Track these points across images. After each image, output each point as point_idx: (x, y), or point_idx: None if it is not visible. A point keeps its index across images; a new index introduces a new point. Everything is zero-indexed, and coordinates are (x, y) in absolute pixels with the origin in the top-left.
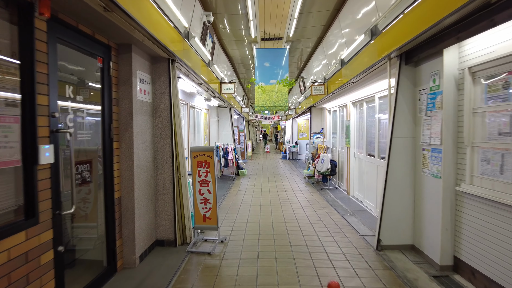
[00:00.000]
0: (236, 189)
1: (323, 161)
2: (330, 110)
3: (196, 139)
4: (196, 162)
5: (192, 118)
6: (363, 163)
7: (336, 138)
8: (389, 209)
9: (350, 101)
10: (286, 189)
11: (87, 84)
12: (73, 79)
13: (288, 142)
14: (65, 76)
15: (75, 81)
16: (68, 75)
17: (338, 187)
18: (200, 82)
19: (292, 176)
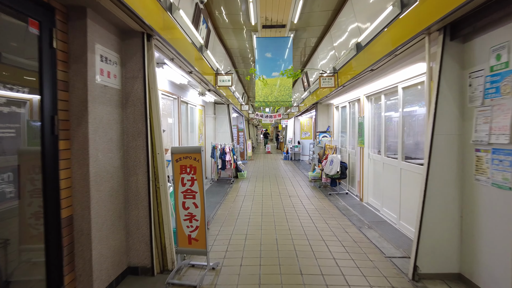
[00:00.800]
0: (234, 194)
1: (332, 163)
2: (338, 106)
3: (190, 138)
4: (179, 167)
5: (185, 114)
6: (381, 166)
7: (346, 137)
8: (429, 228)
9: (364, 94)
10: (291, 194)
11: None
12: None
13: (290, 142)
14: None
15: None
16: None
17: (348, 192)
18: (190, 71)
19: (296, 179)
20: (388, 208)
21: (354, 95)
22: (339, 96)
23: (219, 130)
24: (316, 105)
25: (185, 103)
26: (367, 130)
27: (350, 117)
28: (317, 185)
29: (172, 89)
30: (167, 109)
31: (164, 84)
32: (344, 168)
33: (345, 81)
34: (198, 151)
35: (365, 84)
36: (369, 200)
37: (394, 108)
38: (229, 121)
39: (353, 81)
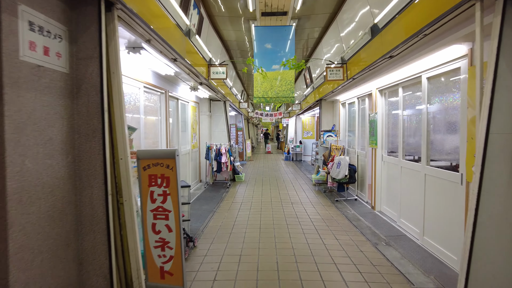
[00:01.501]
0: (230, 200)
1: (340, 166)
2: (345, 102)
3: (182, 138)
4: (147, 176)
5: (175, 111)
6: (397, 170)
7: (354, 136)
8: (482, 258)
9: (377, 88)
10: (293, 201)
11: None
12: None
13: (291, 141)
14: None
15: None
16: None
17: (358, 197)
18: (174, 57)
19: (298, 182)
20: (407, 219)
21: (365, 89)
22: (346, 91)
23: (215, 129)
24: (320, 102)
25: (174, 99)
26: (380, 128)
27: (359, 114)
28: (322, 190)
29: (158, 82)
30: (152, 105)
31: (146, 75)
32: (353, 171)
33: (356, 72)
34: (172, 155)
35: (379, 75)
36: (382, 209)
37: (415, 103)
38: (226, 120)
39: (365, 72)
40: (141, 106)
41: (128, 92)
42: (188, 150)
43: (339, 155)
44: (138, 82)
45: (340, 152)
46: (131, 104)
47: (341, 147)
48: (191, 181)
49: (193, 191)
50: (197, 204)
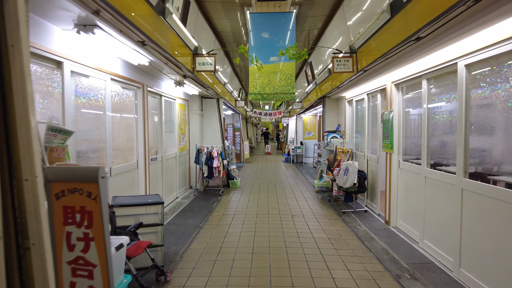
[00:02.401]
0: (221, 212)
1: (347, 173)
2: (352, 100)
3: (167, 140)
4: (62, 209)
5: (158, 109)
6: (420, 181)
7: (362, 138)
8: None
9: (393, 81)
10: (293, 213)
11: None
12: None
13: (292, 142)
14: None
15: None
16: None
17: (368, 209)
18: (142, 40)
19: (299, 188)
20: (435, 242)
21: (377, 83)
22: (354, 87)
23: (207, 130)
24: (324, 99)
25: (157, 95)
26: (397, 130)
27: (369, 113)
28: (326, 198)
29: (132, 74)
30: (124, 101)
31: (115, 65)
32: (363, 178)
33: (368, 63)
34: (94, 177)
35: (397, 65)
36: (398, 224)
37: (446, 98)
38: (219, 119)
39: (380, 62)
40: (107, 103)
41: (88, 84)
42: (175, 153)
43: (347, 160)
44: (103, 73)
45: (348, 156)
46: (91, 99)
47: (348, 150)
48: (178, 188)
49: (180, 199)
50: (182, 217)
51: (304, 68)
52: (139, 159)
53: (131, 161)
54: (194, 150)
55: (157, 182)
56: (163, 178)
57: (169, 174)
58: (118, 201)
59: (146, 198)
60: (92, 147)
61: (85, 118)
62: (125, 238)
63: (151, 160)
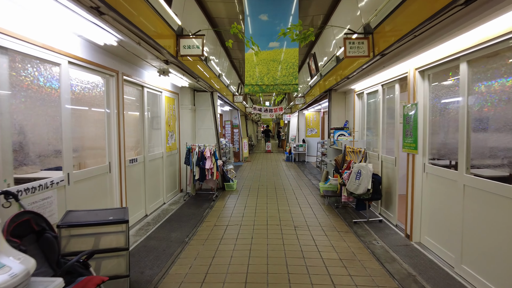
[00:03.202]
0: (212, 222)
1: (360, 177)
2: (363, 92)
3: (152, 138)
4: None
5: (139, 103)
6: (456, 190)
7: (375, 136)
8: None
9: (417, 68)
10: (296, 223)
11: None
12: None
13: (293, 140)
14: None
15: None
16: None
17: (382, 218)
18: (96, 5)
19: (302, 191)
20: (481, 271)
21: (394, 72)
22: (366, 77)
23: (200, 127)
24: (329, 93)
25: (137, 86)
26: (422, 126)
27: (384, 107)
28: (333, 204)
29: (100, 58)
30: (90, 91)
31: (73, 45)
32: (378, 183)
33: (388, 44)
34: None
35: (426, 46)
36: (423, 239)
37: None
38: (214, 115)
39: (405, 41)
40: (64, 92)
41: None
42: (161, 153)
43: (359, 161)
44: (55, 54)
45: (361, 157)
46: (40, 87)
47: (360, 150)
48: (166, 192)
49: (167, 206)
50: (166, 229)
51: (307, 61)
52: (112, 162)
53: (102, 164)
54: (185, 149)
55: (137, 187)
56: (145, 183)
57: (154, 177)
58: (71, 218)
59: (107, 213)
60: (39, 149)
61: (27, 112)
62: (56, 282)
63: (130, 162)
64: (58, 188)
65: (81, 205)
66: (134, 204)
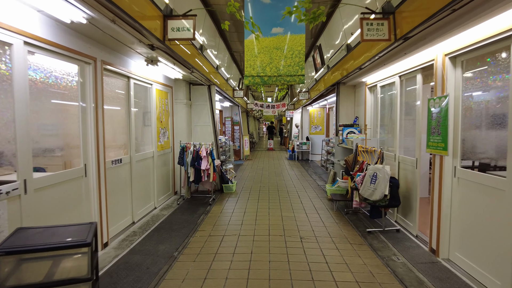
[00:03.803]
0: (207, 231)
1: (376, 180)
2: (376, 85)
3: (140, 136)
4: None
5: (124, 96)
6: (504, 201)
7: (391, 134)
8: None
9: (447, 53)
10: (303, 233)
11: None
12: None
13: (296, 137)
14: None
15: None
16: None
17: (400, 227)
18: None
19: (307, 193)
20: None
21: (416, 60)
22: (380, 68)
23: (196, 123)
24: (337, 86)
25: (122, 77)
26: (452, 123)
27: (402, 101)
28: (343, 209)
29: (72, 42)
30: (56, 81)
31: (34, 22)
32: (395, 187)
33: (414, 25)
34: None
35: (462, 25)
36: (453, 256)
37: None
38: (211, 110)
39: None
40: (19, 80)
41: None
42: (151, 152)
43: (374, 163)
44: (7, 33)
45: (376, 158)
46: None
47: (374, 150)
48: (157, 196)
49: (159, 211)
50: (154, 240)
51: (311, 54)
52: (89, 163)
53: (75, 167)
54: (179, 148)
55: (122, 192)
56: (132, 186)
57: (143, 179)
58: (18, 240)
59: (68, 232)
60: None
61: None
62: None
63: (113, 163)
64: (10, 199)
65: (45, 218)
66: (118, 212)
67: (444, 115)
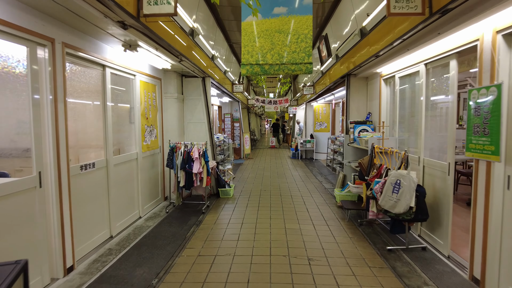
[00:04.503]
0: (196, 249)
1: (399, 189)
2: (394, 76)
3: (123, 135)
4: None
5: (98, 88)
6: None
7: (414, 133)
8: None
9: (499, 30)
10: (311, 252)
11: None
12: None
13: (300, 134)
14: None
15: None
16: None
17: (427, 244)
18: None
19: (313, 198)
20: None
21: (452, 41)
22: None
23: (189, 120)
24: (348, 78)
25: (96, 66)
26: (505, 119)
27: (428, 93)
28: (355, 219)
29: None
30: None
31: None
32: (422, 197)
33: None
34: None
35: None
36: None
37: None
38: (206, 105)
39: None
40: None
41: None
42: (135, 154)
43: (398, 168)
44: None
45: (400, 162)
46: None
47: (395, 152)
48: (142, 203)
49: (143, 221)
50: (131, 261)
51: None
52: (45, 171)
53: (26, 175)
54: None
55: (96, 202)
56: (110, 194)
57: (125, 185)
58: None
59: None
60: None
61: None
62: None
63: (82, 169)
64: None
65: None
66: (90, 226)
67: (494, 110)
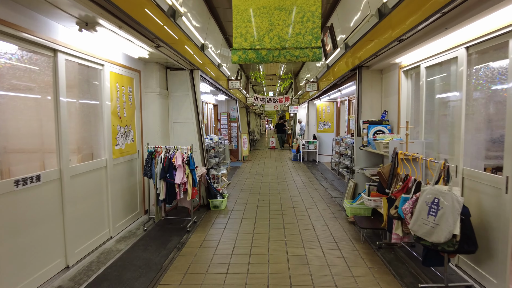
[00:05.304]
0: (173, 287)
1: (439, 210)
2: (419, 66)
3: (87, 138)
4: None
5: (48, 80)
6: None
7: (449, 136)
8: None
9: None
10: None
11: None
12: None
13: (302, 135)
14: None
15: None
16: None
17: (472, 281)
18: None
19: (320, 212)
20: None
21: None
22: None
23: (175, 119)
24: (359, 71)
25: (44, 49)
26: None
27: (470, 85)
28: (372, 242)
29: None
30: None
31: None
32: (468, 222)
33: None
34: None
35: None
36: None
37: None
38: (194, 102)
39: None
40: None
41: None
42: (104, 161)
43: (435, 182)
44: None
45: (438, 174)
46: None
47: (429, 160)
48: (113, 222)
49: (114, 243)
50: None
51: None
52: None
53: None
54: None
55: (44, 225)
56: (65, 214)
57: (89, 200)
58: None
59: None
60: None
61: None
62: None
63: (18, 184)
64: None
65: None
66: (35, 258)
67: None
